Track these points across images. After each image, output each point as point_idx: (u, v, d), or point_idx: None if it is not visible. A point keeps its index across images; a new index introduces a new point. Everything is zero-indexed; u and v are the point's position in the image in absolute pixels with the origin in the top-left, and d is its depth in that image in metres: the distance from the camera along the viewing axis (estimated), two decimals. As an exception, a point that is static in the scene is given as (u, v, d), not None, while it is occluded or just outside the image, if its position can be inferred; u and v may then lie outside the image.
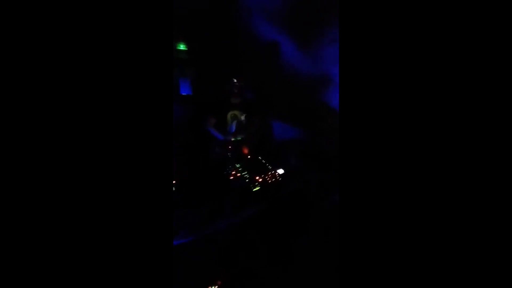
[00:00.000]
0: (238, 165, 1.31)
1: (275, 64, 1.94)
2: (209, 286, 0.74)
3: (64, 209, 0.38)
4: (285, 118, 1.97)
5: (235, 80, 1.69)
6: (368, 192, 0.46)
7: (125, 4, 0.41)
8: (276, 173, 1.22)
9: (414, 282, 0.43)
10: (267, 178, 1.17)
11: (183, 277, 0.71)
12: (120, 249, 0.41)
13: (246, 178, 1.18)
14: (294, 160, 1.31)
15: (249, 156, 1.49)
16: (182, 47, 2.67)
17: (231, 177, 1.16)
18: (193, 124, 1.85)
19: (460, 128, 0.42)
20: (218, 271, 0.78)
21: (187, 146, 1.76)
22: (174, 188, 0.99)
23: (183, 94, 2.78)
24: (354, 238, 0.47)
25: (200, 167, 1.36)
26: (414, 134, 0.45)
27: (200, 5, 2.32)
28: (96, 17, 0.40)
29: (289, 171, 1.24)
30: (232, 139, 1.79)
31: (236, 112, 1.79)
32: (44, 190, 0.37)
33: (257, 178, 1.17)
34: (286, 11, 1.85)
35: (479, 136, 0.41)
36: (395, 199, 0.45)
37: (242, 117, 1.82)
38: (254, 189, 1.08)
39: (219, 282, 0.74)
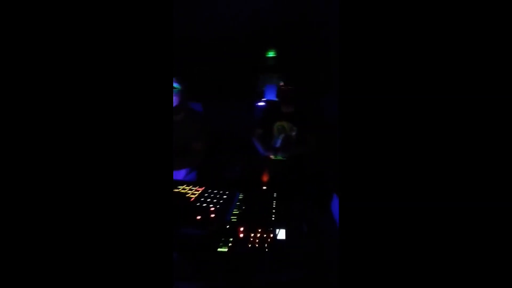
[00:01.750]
0: (241, 196, 0.91)
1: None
2: None
3: (61, 211, 0.37)
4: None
5: (282, 83, 1.28)
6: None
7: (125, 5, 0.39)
8: (271, 235, 0.68)
9: None
10: (251, 237, 0.68)
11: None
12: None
13: (229, 222, 0.75)
14: (306, 227, 0.70)
15: (264, 187, 1.03)
16: (271, 54, 2.70)
17: (199, 217, 0.76)
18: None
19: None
20: None
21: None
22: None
23: (267, 99, 2.76)
24: None
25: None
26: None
27: (292, 10, 2.11)
28: (96, 17, 0.38)
29: (296, 238, 0.67)
30: (272, 157, 1.37)
31: (285, 124, 1.36)
32: (37, 193, 0.36)
33: (241, 230, 0.71)
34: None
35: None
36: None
37: (292, 131, 1.36)
38: (220, 249, 0.63)
39: None
